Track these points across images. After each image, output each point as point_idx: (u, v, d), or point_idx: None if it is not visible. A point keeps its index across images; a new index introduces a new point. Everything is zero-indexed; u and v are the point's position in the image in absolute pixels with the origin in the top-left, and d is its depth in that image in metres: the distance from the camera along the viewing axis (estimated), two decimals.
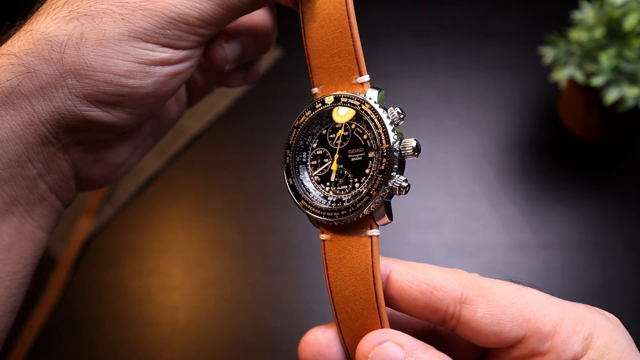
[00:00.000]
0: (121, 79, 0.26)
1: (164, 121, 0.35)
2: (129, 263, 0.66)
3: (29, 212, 0.28)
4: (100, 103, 0.27)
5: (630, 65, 0.56)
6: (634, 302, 0.60)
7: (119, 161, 0.32)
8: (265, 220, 0.68)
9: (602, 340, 0.24)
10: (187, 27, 0.27)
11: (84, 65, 0.26)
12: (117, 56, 0.26)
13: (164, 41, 0.27)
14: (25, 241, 0.28)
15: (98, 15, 0.26)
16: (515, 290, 0.25)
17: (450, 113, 0.73)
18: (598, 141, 0.69)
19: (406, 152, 0.26)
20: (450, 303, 0.25)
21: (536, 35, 0.72)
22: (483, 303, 0.24)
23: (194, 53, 0.29)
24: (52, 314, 0.63)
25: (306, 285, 0.63)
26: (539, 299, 0.25)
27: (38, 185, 0.28)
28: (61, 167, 0.28)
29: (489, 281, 0.25)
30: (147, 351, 0.61)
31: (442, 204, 0.67)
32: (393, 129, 0.26)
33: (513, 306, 0.24)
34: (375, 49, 0.79)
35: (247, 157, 0.72)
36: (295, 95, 0.72)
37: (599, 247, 0.64)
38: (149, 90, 0.28)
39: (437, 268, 0.26)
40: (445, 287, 0.25)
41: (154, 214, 0.69)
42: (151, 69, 0.27)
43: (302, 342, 0.28)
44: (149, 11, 0.26)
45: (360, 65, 0.27)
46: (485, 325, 0.24)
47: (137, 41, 0.26)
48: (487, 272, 0.63)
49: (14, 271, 0.28)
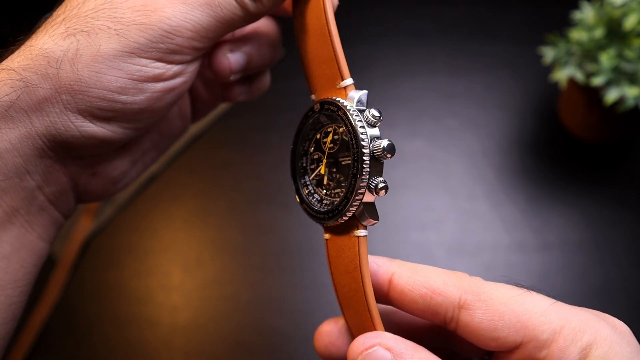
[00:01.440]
0: (114, 95, 0.27)
1: (166, 135, 0.35)
2: (129, 263, 0.66)
3: (29, 223, 0.29)
4: (95, 118, 0.27)
5: (630, 65, 0.56)
6: (634, 302, 0.60)
7: (117, 174, 0.32)
8: (265, 220, 0.68)
9: (601, 351, 0.23)
10: (181, 40, 0.27)
11: (78, 81, 0.26)
12: (110, 72, 0.26)
13: (158, 55, 0.27)
14: (25, 250, 0.29)
15: (94, 32, 0.26)
16: (516, 295, 0.24)
17: (450, 113, 0.73)
18: (598, 141, 0.69)
19: (378, 154, 0.26)
20: (449, 307, 0.25)
21: (536, 35, 0.72)
22: (481, 308, 0.24)
23: (188, 68, 0.29)
24: (52, 314, 0.63)
25: (306, 285, 0.63)
26: (540, 305, 0.24)
27: (37, 196, 0.28)
28: (59, 180, 0.29)
29: (490, 285, 0.25)
30: (147, 351, 0.61)
31: (442, 204, 0.67)
32: (364, 132, 0.26)
33: (511, 312, 0.24)
34: (375, 49, 0.79)
35: (247, 157, 0.72)
36: (295, 95, 0.72)
37: (599, 247, 0.64)
38: (142, 106, 0.28)
39: (439, 271, 0.26)
40: (444, 291, 0.25)
41: (154, 214, 0.69)
42: (144, 85, 0.27)
43: (317, 332, 0.29)
44: (143, 25, 0.26)
45: (341, 70, 0.28)
46: (483, 330, 0.24)
47: (131, 57, 0.26)
48: (488, 272, 0.63)
49: (14, 279, 0.28)
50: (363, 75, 0.77)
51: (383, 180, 0.26)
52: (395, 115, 0.74)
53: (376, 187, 0.26)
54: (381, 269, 0.27)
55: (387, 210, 0.67)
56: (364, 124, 0.27)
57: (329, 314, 0.29)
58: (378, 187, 0.26)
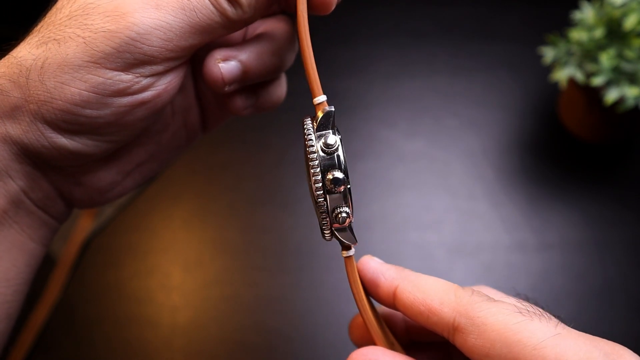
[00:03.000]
0: (77, 109, 0.25)
1: (167, 146, 0.33)
2: (129, 263, 0.66)
3: (18, 224, 0.28)
4: (62, 130, 0.26)
5: (630, 65, 0.56)
6: (634, 302, 0.60)
7: (104, 185, 0.30)
8: (265, 220, 0.68)
9: None
10: (150, 50, 0.25)
11: (44, 92, 0.25)
12: (74, 84, 0.25)
13: (124, 66, 0.25)
14: (16, 250, 0.28)
15: (64, 40, 0.25)
16: (513, 323, 0.22)
17: (450, 113, 0.73)
18: (598, 141, 0.69)
19: (329, 187, 0.25)
20: (444, 328, 0.25)
21: (536, 35, 0.72)
22: (474, 333, 0.23)
23: (160, 81, 0.26)
24: (52, 314, 0.63)
25: (306, 285, 0.63)
26: (536, 338, 0.22)
27: (23, 200, 0.28)
28: (43, 187, 0.28)
29: (488, 309, 0.24)
30: (147, 351, 0.61)
31: (442, 204, 0.67)
32: (318, 163, 0.25)
33: (503, 342, 0.22)
34: (375, 49, 0.79)
35: (247, 157, 0.72)
36: (296, 95, 0.72)
37: (599, 247, 0.64)
38: (108, 120, 0.26)
39: (439, 288, 0.25)
40: (439, 312, 0.25)
41: (154, 214, 0.69)
42: (108, 100, 0.25)
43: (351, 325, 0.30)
44: (110, 32, 0.24)
45: (311, 88, 0.27)
46: (476, 355, 0.23)
47: (96, 68, 0.24)
48: (487, 272, 0.63)
49: (7, 278, 0.28)
50: (363, 75, 0.77)
51: (345, 211, 0.25)
52: (395, 115, 0.74)
53: (336, 217, 0.25)
54: (386, 282, 0.27)
55: (387, 210, 0.67)
56: (317, 154, 0.25)
57: (328, 314, 0.30)
58: (339, 218, 0.25)
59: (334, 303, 0.62)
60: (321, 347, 0.60)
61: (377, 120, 0.74)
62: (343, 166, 0.25)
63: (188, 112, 0.34)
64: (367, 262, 0.28)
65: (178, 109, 0.33)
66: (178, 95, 0.32)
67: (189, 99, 0.33)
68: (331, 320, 0.61)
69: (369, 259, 0.28)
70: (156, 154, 0.33)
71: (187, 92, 0.33)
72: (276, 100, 0.33)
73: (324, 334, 0.60)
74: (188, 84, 0.33)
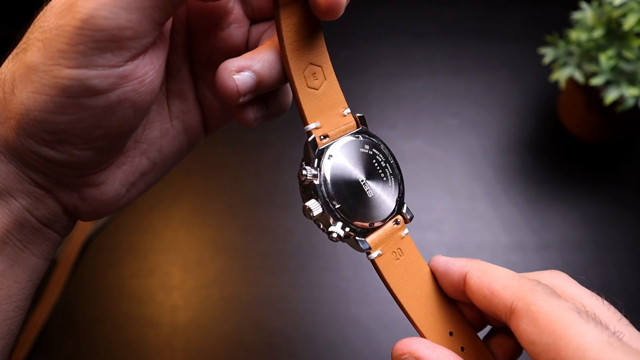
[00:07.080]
0: (55, 116, 0.24)
1: (167, 153, 0.32)
2: (129, 263, 0.66)
3: (22, 242, 0.28)
4: (47, 142, 0.25)
5: (630, 66, 0.56)
6: (634, 302, 0.60)
7: (108, 199, 0.30)
8: (265, 220, 0.68)
9: None
10: (100, 35, 0.22)
11: (19, 104, 0.24)
12: (43, 91, 0.23)
13: (84, 61, 0.23)
14: (18, 267, 0.28)
15: (28, 48, 0.24)
16: (567, 318, 0.23)
17: (450, 113, 0.73)
18: (598, 141, 0.69)
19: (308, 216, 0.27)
20: (503, 310, 0.25)
21: (536, 35, 0.72)
22: (527, 318, 0.24)
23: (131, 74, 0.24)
24: (52, 314, 0.63)
25: (306, 285, 0.63)
26: (584, 339, 0.22)
27: (27, 219, 0.28)
28: (47, 204, 0.28)
29: (546, 299, 0.24)
30: (147, 351, 0.61)
31: (442, 204, 0.67)
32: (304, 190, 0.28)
33: (551, 332, 0.23)
34: (375, 49, 0.79)
35: (247, 157, 0.72)
36: None
37: (599, 247, 0.64)
38: (91, 123, 0.24)
39: (505, 275, 0.26)
40: (500, 295, 0.26)
41: (154, 214, 0.69)
42: (83, 101, 0.24)
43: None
44: (60, 28, 0.23)
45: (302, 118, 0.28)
46: (524, 340, 0.24)
47: (59, 69, 0.23)
48: None
49: (9, 294, 0.28)
50: (363, 75, 0.77)
51: (335, 231, 0.27)
52: (395, 115, 0.74)
53: (329, 235, 0.27)
54: (457, 269, 0.29)
55: None
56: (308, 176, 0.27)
57: (328, 314, 0.29)
58: (331, 237, 0.27)
59: (334, 303, 0.62)
60: (321, 347, 0.60)
61: (377, 120, 0.74)
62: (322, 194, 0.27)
63: (187, 117, 0.33)
64: (437, 258, 0.31)
65: (176, 114, 0.32)
66: (176, 100, 0.31)
67: (188, 103, 0.32)
68: (331, 320, 0.61)
69: (438, 256, 0.31)
70: (158, 161, 0.32)
71: (185, 97, 0.32)
72: (284, 108, 0.32)
73: (324, 334, 0.60)
74: (186, 87, 0.32)
